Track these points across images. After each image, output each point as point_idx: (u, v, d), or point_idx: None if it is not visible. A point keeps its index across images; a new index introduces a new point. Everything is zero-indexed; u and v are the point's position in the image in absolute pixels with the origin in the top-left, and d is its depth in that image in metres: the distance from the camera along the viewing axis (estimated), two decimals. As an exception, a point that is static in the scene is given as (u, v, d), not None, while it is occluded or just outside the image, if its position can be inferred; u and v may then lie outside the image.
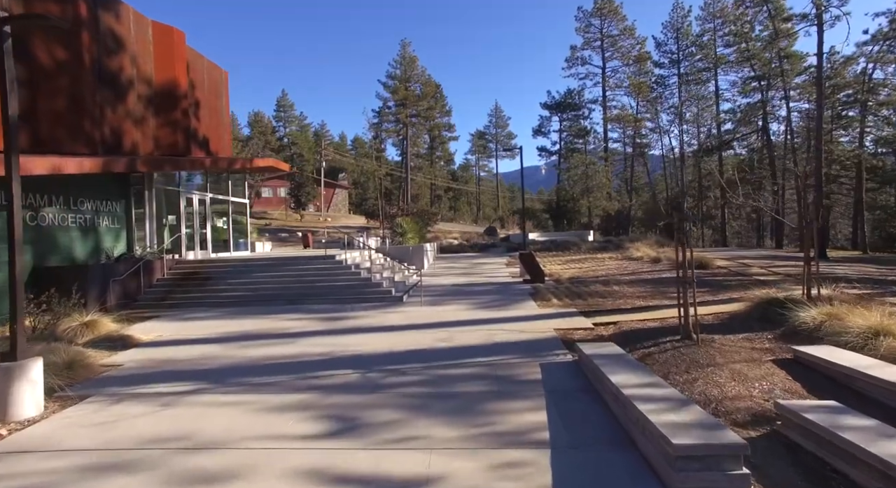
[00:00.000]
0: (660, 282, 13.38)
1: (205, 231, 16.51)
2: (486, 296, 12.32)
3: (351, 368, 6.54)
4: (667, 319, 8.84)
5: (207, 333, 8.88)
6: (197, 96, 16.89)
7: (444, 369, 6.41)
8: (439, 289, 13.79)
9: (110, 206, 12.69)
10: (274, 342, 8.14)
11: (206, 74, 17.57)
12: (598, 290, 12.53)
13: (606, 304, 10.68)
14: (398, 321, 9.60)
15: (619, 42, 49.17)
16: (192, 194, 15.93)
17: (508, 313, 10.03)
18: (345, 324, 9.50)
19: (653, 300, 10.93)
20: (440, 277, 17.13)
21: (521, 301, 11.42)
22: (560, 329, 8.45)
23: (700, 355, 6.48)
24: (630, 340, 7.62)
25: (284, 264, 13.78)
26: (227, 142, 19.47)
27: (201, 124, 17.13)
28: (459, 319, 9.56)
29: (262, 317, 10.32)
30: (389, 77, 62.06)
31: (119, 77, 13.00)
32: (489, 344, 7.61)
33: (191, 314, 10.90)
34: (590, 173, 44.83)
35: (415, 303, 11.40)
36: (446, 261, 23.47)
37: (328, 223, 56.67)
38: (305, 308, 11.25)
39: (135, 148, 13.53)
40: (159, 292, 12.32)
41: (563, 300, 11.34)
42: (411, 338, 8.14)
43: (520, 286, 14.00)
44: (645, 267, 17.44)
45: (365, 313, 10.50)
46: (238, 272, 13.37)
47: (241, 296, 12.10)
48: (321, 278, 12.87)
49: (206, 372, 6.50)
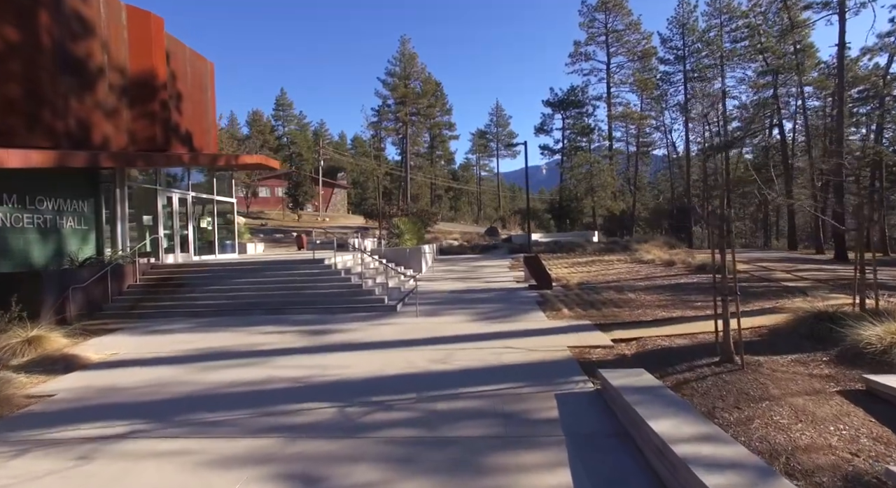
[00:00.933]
0: (679, 289, 12.25)
1: (187, 232, 15.40)
2: (488, 305, 11.19)
3: (328, 400, 5.42)
4: (697, 335, 7.72)
5: (171, 350, 7.76)
6: (178, 88, 15.78)
7: (439, 402, 5.29)
8: (437, 297, 12.67)
9: (76, 206, 11.58)
10: (243, 362, 7.02)
11: (188, 65, 16.46)
12: (612, 298, 11.40)
13: (623, 315, 9.55)
14: (389, 335, 8.48)
15: (624, 37, 47.91)
16: (173, 193, 14.81)
17: (514, 326, 8.91)
18: (328, 339, 8.39)
19: (675, 310, 9.80)
20: (439, 282, 16.01)
21: (528, 311, 10.29)
22: (575, 346, 7.32)
23: (748, 384, 5.36)
24: (658, 362, 6.49)
25: (268, 269, 12.67)
26: (213, 138, 18.37)
27: (183, 118, 16.03)
28: (459, 334, 8.44)
29: (238, 330, 9.21)
30: (389, 74, 60.92)
31: (87, 64, 11.89)
32: (494, 366, 6.49)
33: (159, 325, 9.79)
34: (594, 172, 43.61)
35: (410, 313, 10.28)
36: (446, 264, 22.35)
37: (326, 223, 55.58)
38: (287, 319, 10.13)
39: (106, 142, 12.43)
40: (129, 300, 11.21)
41: (574, 310, 10.21)
42: (403, 357, 7.03)
43: (525, 293, 12.88)
44: (658, 271, 16.31)
45: (353, 325, 9.38)
46: (217, 278, 12.26)
47: (218, 305, 10.99)
48: (307, 284, 11.76)
49: (152, 405, 5.38)
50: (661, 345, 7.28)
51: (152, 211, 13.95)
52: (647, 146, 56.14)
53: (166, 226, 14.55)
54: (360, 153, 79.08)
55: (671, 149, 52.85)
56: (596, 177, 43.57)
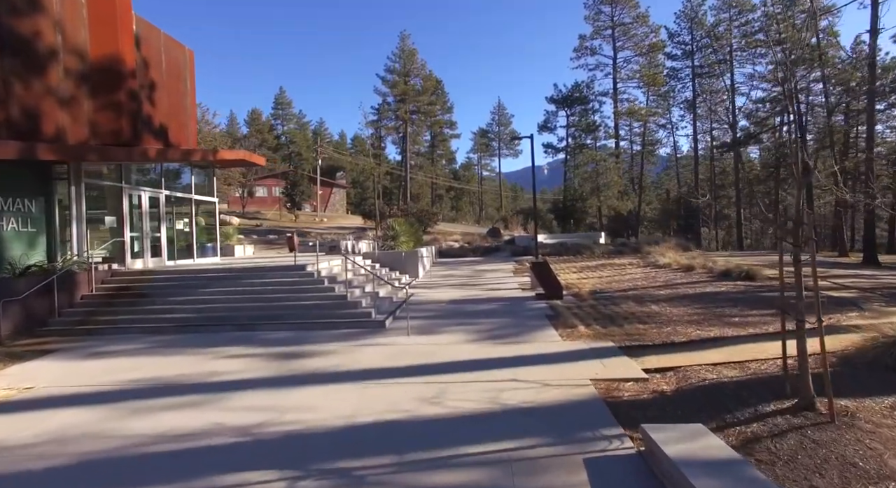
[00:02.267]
0: (708, 300, 10.80)
1: (159, 234, 14.00)
2: (491, 320, 9.76)
3: (278, 466, 4.00)
4: (748, 365, 6.29)
5: (104, 383, 6.36)
6: (151, 77, 14.38)
7: (426, 472, 3.88)
8: (433, 308, 11.25)
9: (21, 205, 10.19)
10: (189, 401, 5.61)
11: (163, 52, 15.06)
12: (634, 311, 9.96)
13: (650, 334, 8.12)
14: (372, 361, 7.06)
15: (631, 30, 46.34)
16: (141, 191, 13.41)
17: (523, 349, 7.48)
18: (299, 365, 6.97)
19: (709, 327, 8.36)
20: (436, 290, 14.59)
21: (538, 328, 8.86)
22: (600, 380, 5.90)
23: (849, 446, 3.94)
24: (709, 404, 5.07)
25: (245, 276, 11.26)
26: (193, 133, 16.97)
27: (157, 110, 14.63)
28: (456, 360, 7.02)
29: (198, 352, 7.80)
30: (388, 71, 59.52)
31: (34, 44, 10.50)
32: (499, 410, 5.07)
33: (107, 346, 8.39)
34: (600, 170, 42.09)
35: (400, 331, 8.86)
36: (445, 268, 20.93)
37: (324, 224, 54.17)
38: (258, 337, 8.73)
39: (60, 134, 11.04)
40: (80, 314, 9.82)
41: (591, 326, 8.77)
42: (384, 394, 5.61)
43: (533, 304, 11.45)
44: (678, 277, 14.87)
45: (331, 346, 7.96)
46: (186, 286, 10.86)
47: (182, 320, 9.58)
48: (286, 295, 10.34)
49: (31, 478, 3.97)
50: (708, 379, 5.85)
51: (118, 211, 12.55)
52: (652, 145, 54.60)
53: (135, 227, 13.16)
54: (359, 152, 77.74)
55: (677, 147, 51.40)
56: (602, 175, 42.04)
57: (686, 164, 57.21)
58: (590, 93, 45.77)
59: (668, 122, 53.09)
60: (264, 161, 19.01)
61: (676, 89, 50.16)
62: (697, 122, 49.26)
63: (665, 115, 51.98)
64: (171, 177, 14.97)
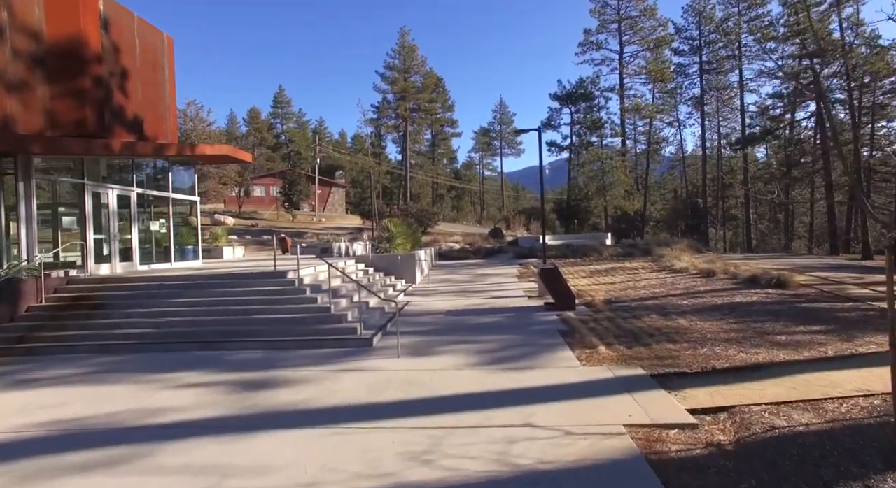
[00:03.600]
0: (743, 312, 9.49)
1: (129, 236, 12.74)
2: (495, 336, 8.47)
3: None
4: (822, 403, 5.00)
5: (11, 426, 5.10)
6: (122, 63, 13.12)
7: None
8: (430, 321, 9.97)
9: (-43, 204, 8.95)
10: (105, 458, 4.34)
11: (137, 37, 13.79)
12: (659, 326, 8.67)
13: (685, 357, 6.82)
14: (351, 394, 5.78)
15: (638, 24, 44.90)
16: (108, 189, 12.14)
17: (534, 377, 6.19)
18: (262, 401, 5.69)
19: (755, 349, 7.06)
20: (434, 297, 13.31)
21: (551, 348, 7.57)
22: (636, 426, 4.61)
23: None
24: (790, 468, 3.79)
25: (219, 284, 10.00)
26: (172, 126, 15.71)
27: (129, 100, 13.37)
28: (454, 393, 5.73)
29: (143, 380, 6.54)
30: (388, 67, 58.22)
31: (-27, 21, 9.26)
32: (508, 477, 3.79)
33: (40, 370, 7.12)
34: (606, 168, 40.69)
35: (389, 350, 7.58)
36: (444, 272, 19.65)
37: (322, 224, 52.88)
38: (222, 359, 7.46)
39: (7, 122, 9.78)
40: (22, 329, 8.55)
41: (613, 346, 7.47)
42: (361, 447, 4.34)
43: (542, 315, 10.16)
44: (698, 283, 13.57)
45: (306, 372, 6.69)
46: (150, 296, 9.59)
47: (140, 336, 8.32)
48: (261, 307, 9.06)
49: None
50: (777, 427, 4.56)
51: (78, 210, 11.29)
52: (657, 143, 53.18)
53: (102, 229, 11.90)
54: (359, 151, 76.48)
55: (683, 146, 50.03)
56: (609, 174, 40.65)
57: (691, 164, 55.83)
58: (595, 88, 44.38)
59: (674, 120, 51.75)
60: (251, 157, 17.73)
61: (684, 86, 48.85)
62: (706, 120, 47.94)
63: (671, 113, 50.64)
64: (145, 174, 13.73)
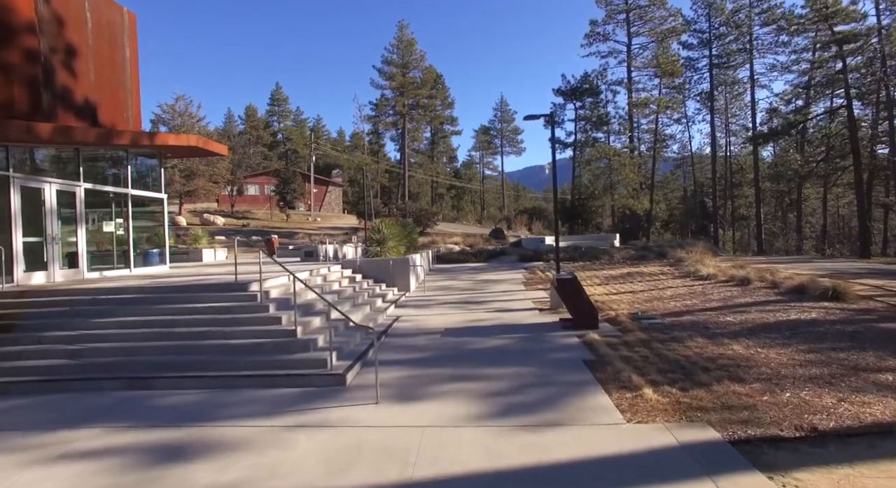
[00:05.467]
0: (809, 335, 7.64)
1: (75, 239, 10.94)
2: (505, 370, 6.64)
3: None
4: None
5: None
6: (67, 37, 11.32)
7: None
8: (421, 345, 8.14)
9: None
10: None
11: (90, 10, 12.00)
12: (710, 354, 6.86)
13: (764, 406, 5.01)
14: (301, 474, 3.96)
15: (648, 13, 42.88)
16: (44, 183, 10.32)
17: (564, 445, 4.37)
18: (175, 482, 3.89)
19: (857, 393, 5.24)
20: (429, 310, 11.51)
21: (579, 389, 5.75)
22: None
23: None
24: None
25: (159, 300, 8.18)
26: (136, 113, 13.89)
27: (78, 81, 11.59)
28: (450, 475, 3.92)
29: (15, 447, 4.73)
30: (385, 62, 56.35)
31: None
32: None
33: None
34: (614, 166, 38.78)
35: (366, 391, 5.77)
36: (442, 277, 17.83)
37: (317, 224, 51.04)
38: (144, 406, 5.66)
39: None
40: None
41: (660, 388, 5.64)
42: None
43: (559, 336, 8.35)
44: (735, 293, 11.75)
45: (248, 430, 4.87)
46: (76, 314, 7.78)
47: (46, 369, 6.51)
48: (209, 329, 7.25)
49: None
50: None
51: (2, 209, 9.48)
52: (664, 141, 51.25)
53: (33, 230, 10.09)
54: (356, 148, 74.63)
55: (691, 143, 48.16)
56: (616, 171, 38.73)
57: (698, 162, 53.97)
58: (602, 81, 42.45)
59: (682, 117, 49.89)
60: (226, 150, 15.89)
61: (692, 81, 47.01)
62: (714, 117, 46.11)
63: (679, 109, 48.75)
64: (94, 167, 11.93)
